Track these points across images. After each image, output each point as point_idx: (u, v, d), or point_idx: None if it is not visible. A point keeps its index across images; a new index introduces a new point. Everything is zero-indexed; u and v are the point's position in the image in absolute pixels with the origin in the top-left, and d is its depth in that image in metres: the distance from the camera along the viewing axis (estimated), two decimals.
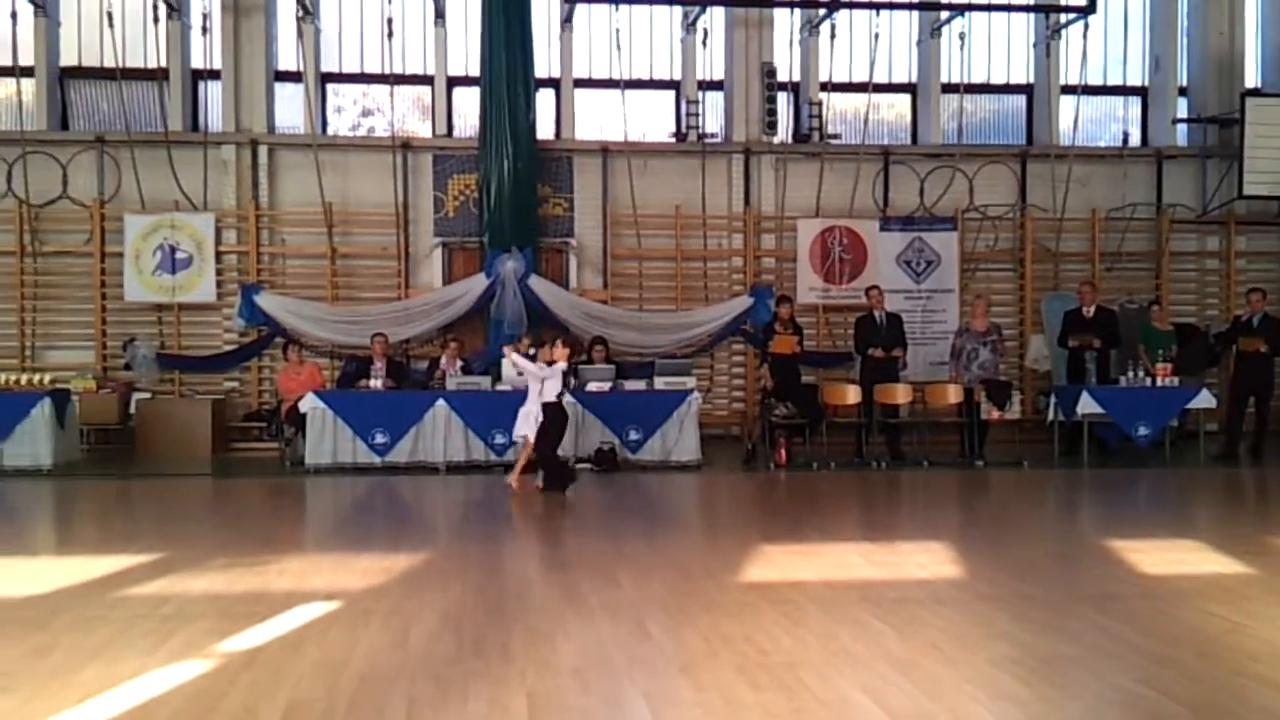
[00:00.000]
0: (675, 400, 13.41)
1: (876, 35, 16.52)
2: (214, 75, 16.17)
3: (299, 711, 4.48)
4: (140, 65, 15.98)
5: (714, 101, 17.37)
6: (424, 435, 13.09)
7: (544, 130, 16.50)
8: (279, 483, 12.70)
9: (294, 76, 16.60)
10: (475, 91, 16.15)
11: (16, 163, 15.61)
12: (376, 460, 13.06)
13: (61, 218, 15.86)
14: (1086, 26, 16.61)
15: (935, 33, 17.20)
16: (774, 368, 14.10)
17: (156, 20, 15.48)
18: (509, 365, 13.49)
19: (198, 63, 16.22)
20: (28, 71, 15.91)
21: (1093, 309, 14.59)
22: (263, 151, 16.20)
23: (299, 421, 13.34)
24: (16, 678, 4.93)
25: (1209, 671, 5.04)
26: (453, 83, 16.93)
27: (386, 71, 16.17)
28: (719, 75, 17.34)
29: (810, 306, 16.39)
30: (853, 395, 13.91)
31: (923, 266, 16.55)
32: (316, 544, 9.31)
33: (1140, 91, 18.21)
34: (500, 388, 13.41)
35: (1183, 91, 17.88)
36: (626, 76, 16.65)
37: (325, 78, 17.03)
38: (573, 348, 11.58)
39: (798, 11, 16.99)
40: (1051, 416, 14.28)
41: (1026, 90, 18.04)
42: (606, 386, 13.53)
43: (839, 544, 8.42)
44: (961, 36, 16.70)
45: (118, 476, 13.13)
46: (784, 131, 17.06)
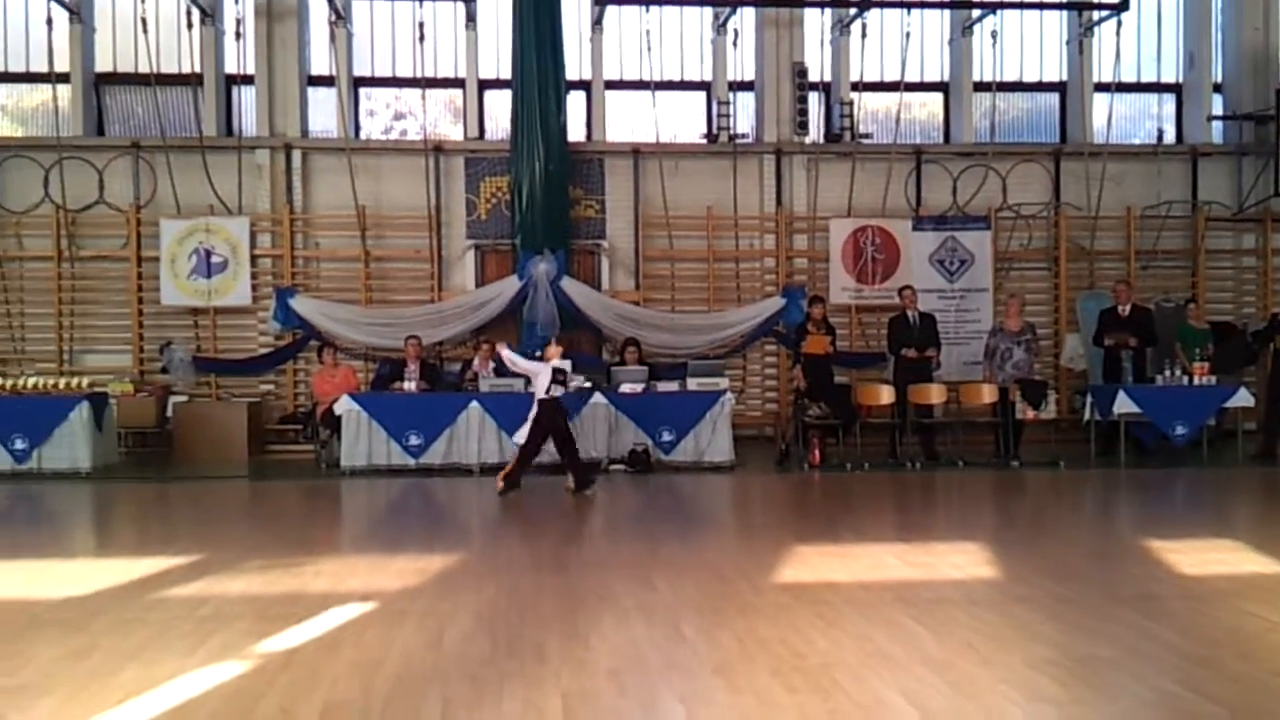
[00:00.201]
0: (708, 401, 13.40)
1: (908, 34, 16.45)
2: (247, 80, 16.29)
3: (335, 712, 4.51)
4: (175, 71, 16.11)
5: (745, 102, 17.35)
6: (458, 437, 13.13)
7: (575, 132, 16.52)
8: (315, 485, 12.77)
9: (327, 81, 16.70)
10: (507, 94, 16.18)
11: (53, 168, 15.77)
12: (411, 462, 13.11)
13: (98, 223, 16.01)
14: (1120, 23, 16.48)
15: (967, 31, 17.12)
16: (807, 368, 14.06)
17: (190, 26, 15.61)
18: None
19: (231, 68, 16.34)
20: (64, 78, 16.07)
21: (1128, 308, 14.48)
22: (296, 155, 16.30)
23: (334, 424, 13.41)
24: (56, 679, 4.98)
25: (1248, 672, 4.99)
26: (484, 85, 16.98)
27: (418, 75, 16.23)
28: (750, 76, 17.31)
29: (843, 307, 16.35)
30: (886, 395, 13.86)
31: (956, 266, 16.47)
32: (352, 545, 9.36)
33: (1175, 88, 18.06)
34: (532, 389, 13.40)
35: (1217, 88, 17.74)
36: (657, 78, 16.65)
37: (358, 81, 17.12)
38: (566, 346, 11.62)
39: (828, 11, 16.96)
40: (1088, 416, 14.17)
41: (1060, 88, 17.92)
42: (639, 388, 13.53)
43: (874, 545, 8.40)
44: (994, 34, 16.60)
45: (155, 479, 13.24)
46: (815, 131, 17.02)
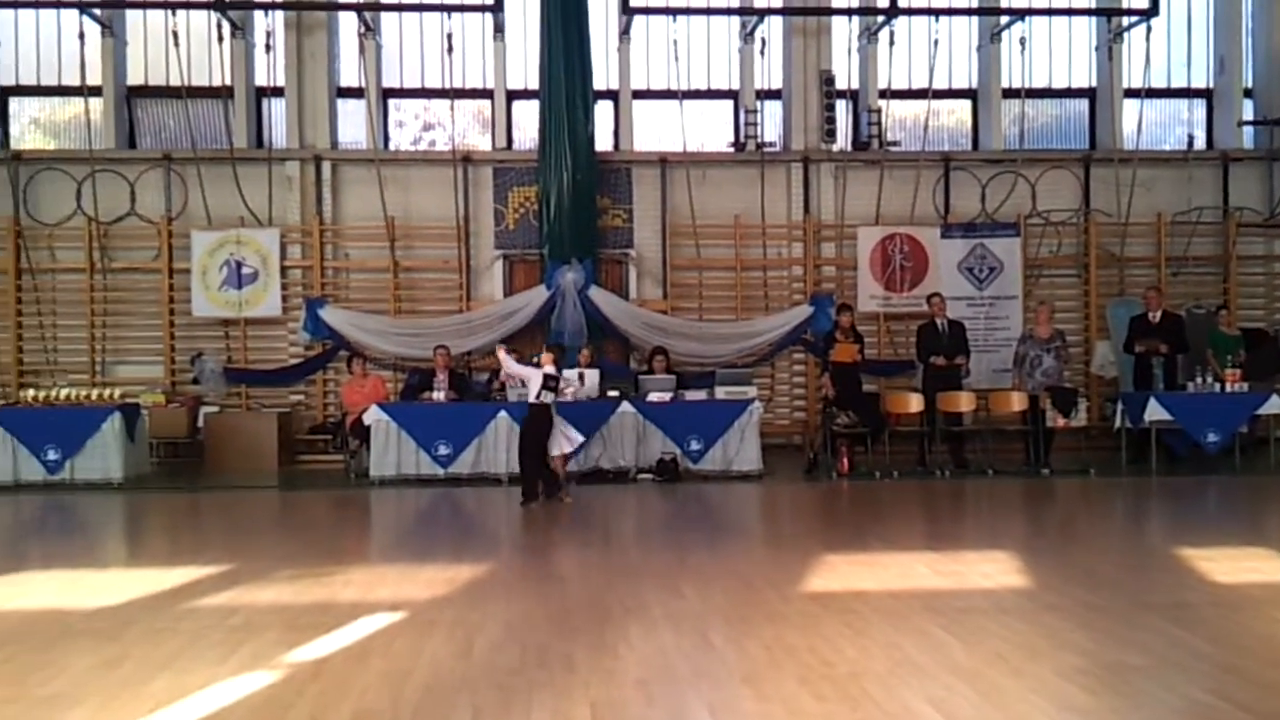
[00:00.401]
0: (736, 410, 13.38)
1: (936, 41, 16.42)
2: (278, 92, 16.41)
3: None
4: (205, 83, 16.26)
5: (772, 111, 17.34)
6: (486, 447, 13.13)
7: (603, 142, 16.55)
8: (344, 495, 12.82)
9: (356, 92, 16.80)
10: (535, 104, 16.25)
11: (86, 181, 15.92)
12: (440, 472, 13.13)
13: (130, 235, 16.15)
14: (1149, 29, 16.44)
15: (995, 38, 17.07)
16: (835, 376, 14.04)
17: (221, 39, 15.74)
18: (568, 376, 13.60)
19: (262, 80, 16.48)
20: (96, 91, 16.24)
21: (1159, 314, 14.41)
22: (326, 167, 16.41)
23: (363, 434, 13.46)
24: (88, 688, 5.02)
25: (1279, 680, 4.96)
26: (512, 96, 17.04)
27: (447, 86, 16.30)
28: (777, 84, 17.30)
29: (871, 315, 16.32)
30: (915, 403, 13.81)
31: (985, 273, 16.41)
32: (381, 555, 9.38)
33: (1205, 94, 17.95)
34: (562, 399, 13.44)
35: (1248, 93, 17.61)
36: (684, 87, 16.66)
37: (387, 93, 17.22)
38: (557, 354, 11.65)
39: (856, 19, 16.95)
40: (1118, 424, 14.09)
41: (1089, 94, 17.85)
42: (667, 397, 13.53)
43: (902, 554, 8.36)
44: (1022, 41, 16.52)
45: (186, 489, 13.34)
46: (843, 139, 16.99)
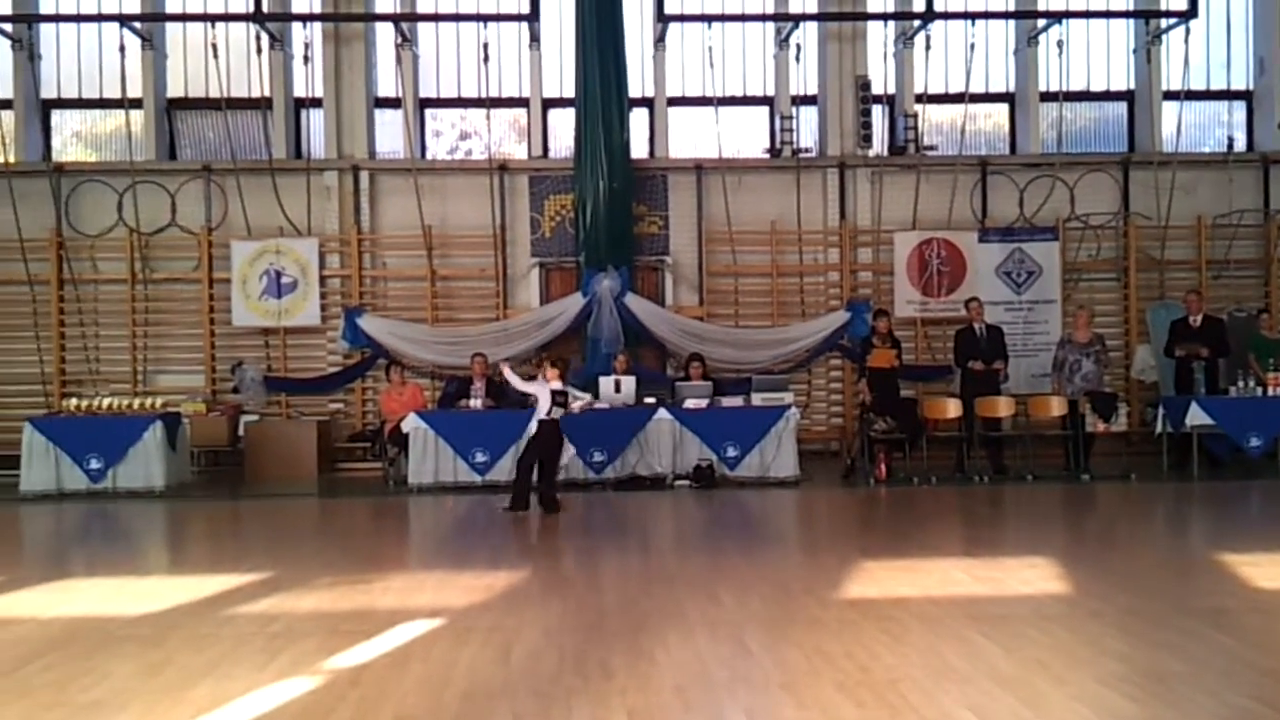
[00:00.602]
0: (773, 416, 13.36)
1: (972, 45, 16.33)
2: (316, 103, 16.54)
3: None
4: (244, 95, 16.39)
5: (808, 116, 17.30)
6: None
7: (638, 149, 16.57)
8: (383, 502, 12.89)
9: (393, 102, 16.89)
10: (570, 112, 16.28)
11: (127, 192, 16.09)
12: (477, 479, 13.16)
13: (171, 245, 16.30)
14: (1188, 31, 16.27)
15: (1032, 41, 16.96)
16: (872, 382, 13.98)
17: (260, 51, 15.88)
18: (605, 382, 13.67)
19: (300, 91, 16.61)
20: (136, 103, 16.41)
21: (1200, 318, 14.28)
22: (364, 177, 16.50)
23: (401, 441, 13.53)
24: (130, 695, 5.07)
25: None
26: (548, 104, 17.10)
27: (483, 95, 16.37)
28: (813, 90, 17.26)
29: (908, 320, 16.25)
30: (953, 409, 13.73)
31: (1023, 277, 16.31)
32: (420, 562, 9.43)
33: (1245, 96, 17.76)
34: (598, 406, 13.48)
35: None
36: (720, 94, 16.66)
37: (423, 103, 17.31)
38: (561, 368, 11.64)
39: (892, 24, 16.90)
40: (1159, 428, 13.95)
41: (1127, 97, 17.70)
42: (704, 403, 13.52)
43: (941, 559, 8.33)
44: (1060, 44, 16.40)
45: (227, 497, 13.45)
46: (879, 144, 16.96)
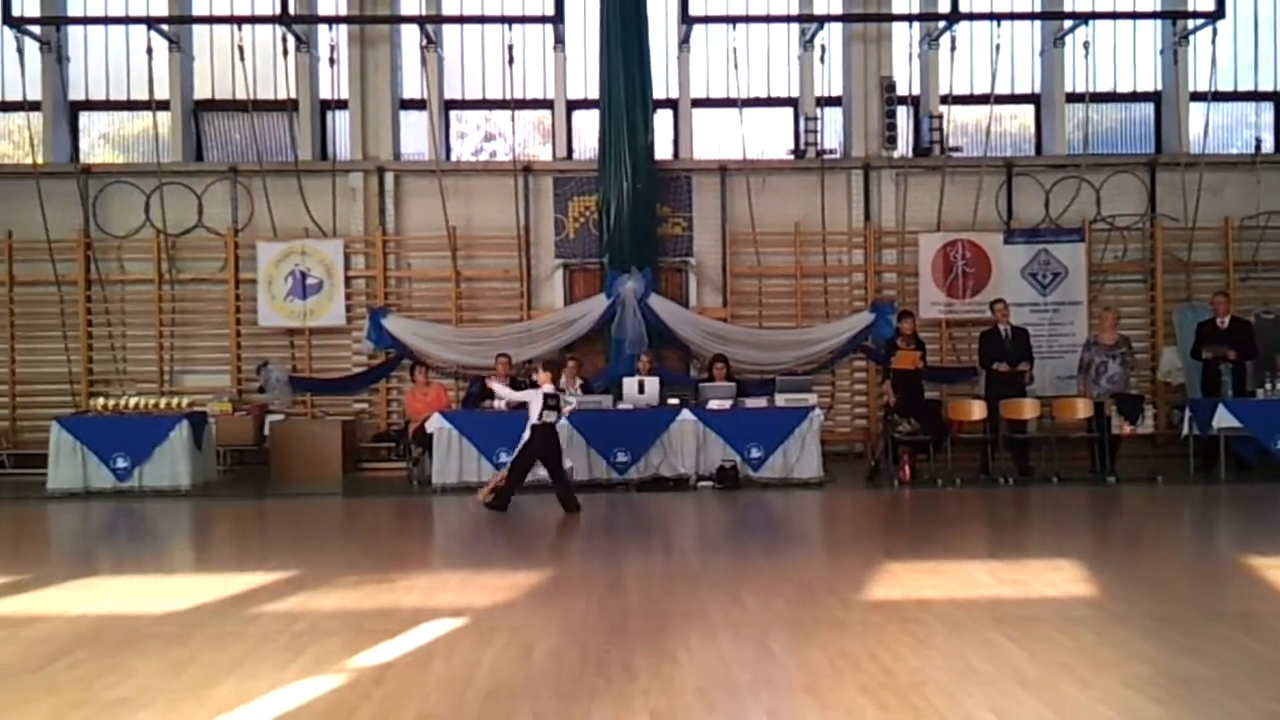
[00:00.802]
0: (797, 417, 13.33)
1: (998, 46, 16.28)
2: (341, 105, 16.62)
3: None
4: (271, 97, 16.50)
5: (833, 117, 17.27)
6: None
7: (662, 150, 16.60)
8: (407, 502, 12.91)
9: (418, 104, 16.95)
10: (594, 114, 16.30)
11: (154, 193, 16.22)
12: None
13: (197, 246, 16.41)
14: (1215, 31, 16.19)
15: (1058, 42, 16.89)
16: (897, 384, 13.95)
17: (286, 53, 15.97)
18: (629, 383, 13.67)
19: (326, 93, 16.70)
20: (163, 105, 16.52)
21: (1227, 320, 14.19)
22: (389, 178, 16.57)
23: (426, 441, 13.57)
24: (154, 692, 5.09)
25: None
26: (572, 106, 17.12)
27: (508, 97, 16.43)
28: (837, 91, 17.23)
29: (933, 321, 16.21)
30: (978, 411, 13.69)
31: (1049, 279, 16.24)
32: (443, 561, 9.44)
33: (1272, 96, 17.64)
34: (621, 406, 13.49)
35: None
36: (744, 95, 16.64)
37: (448, 104, 17.36)
38: (554, 372, 11.66)
39: (917, 25, 16.85)
40: (1186, 431, 13.87)
41: (1154, 98, 17.60)
42: (727, 404, 13.50)
43: (966, 562, 8.28)
44: (1086, 45, 16.32)
45: (252, 496, 13.51)
46: (904, 145, 16.92)
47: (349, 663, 5.52)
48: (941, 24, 16.38)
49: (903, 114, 16.86)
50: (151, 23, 16.00)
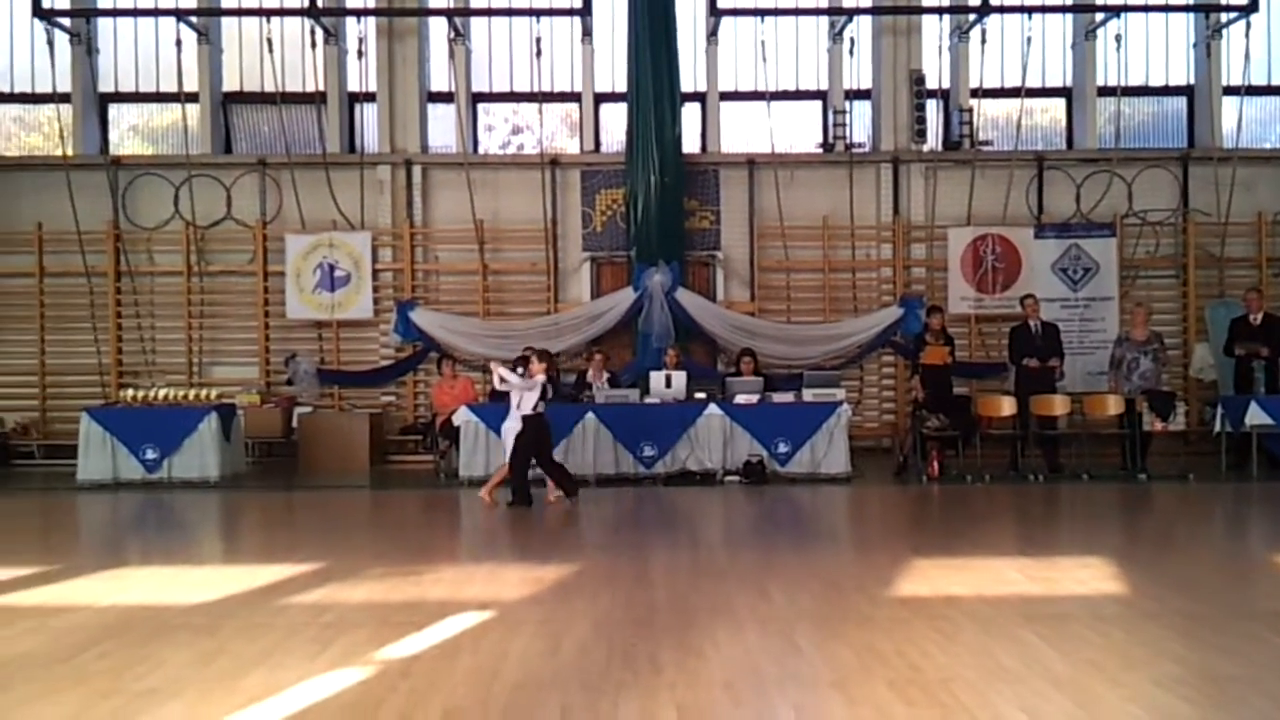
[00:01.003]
0: (824, 412, 13.28)
1: (1029, 39, 16.19)
2: (369, 98, 16.67)
3: (454, 719, 4.56)
4: (299, 89, 16.59)
5: (861, 111, 17.23)
6: (574, 448, 13.12)
7: (690, 143, 16.57)
8: (434, 494, 12.95)
9: (446, 97, 16.98)
10: (622, 107, 16.31)
11: (183, 186, 16.31)
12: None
13: (226, 238, 16.49)
14: (1249, 25, 16.04)
15: (1090, 35, 16.78)
16: (925, 379, 13.89)
17: (314, 45, 16.03)
18: (656, 377, 13.65)
19: (354, 86, 16.76)
20: (192, 97, 16.61)
21: (1260, 316, 14.06)
22: (417, 171, 16.60)
23: (453, 434, 13.58)
24: (183, 683, 5.11)
25: None
26: (600, 99, 17.12)
27: (535, 90, 16.42)
28: (866, 84, 17.18)
29: (962, 316, 16.14)
30: (1007, 406, 13.60)
31: (1080, 274, 16.13)
32: (470, 554, 9.44)
33: None
34: (649, 400, 13.47)
35: None
36: (772, 88, 16.61)
37: (476, 97, 17.38)
38: (549, 362, 11.64)
39: (947, 17, 16.75)
40: (1218, 428, 13.75)
41: (1187, 91, 17.46)
42: (755, 399, 13.47)
43: (994, 558, 8.22)
44: (1118, 38, 16.21)
45: (280, 488, 13.57)
46: (933, 139, 16.84)
47: (376, 655, 5.53)
48: (972, 16, 16.27)
49: (932, 107, 16.78)
50: (181, 15, 16.08)
